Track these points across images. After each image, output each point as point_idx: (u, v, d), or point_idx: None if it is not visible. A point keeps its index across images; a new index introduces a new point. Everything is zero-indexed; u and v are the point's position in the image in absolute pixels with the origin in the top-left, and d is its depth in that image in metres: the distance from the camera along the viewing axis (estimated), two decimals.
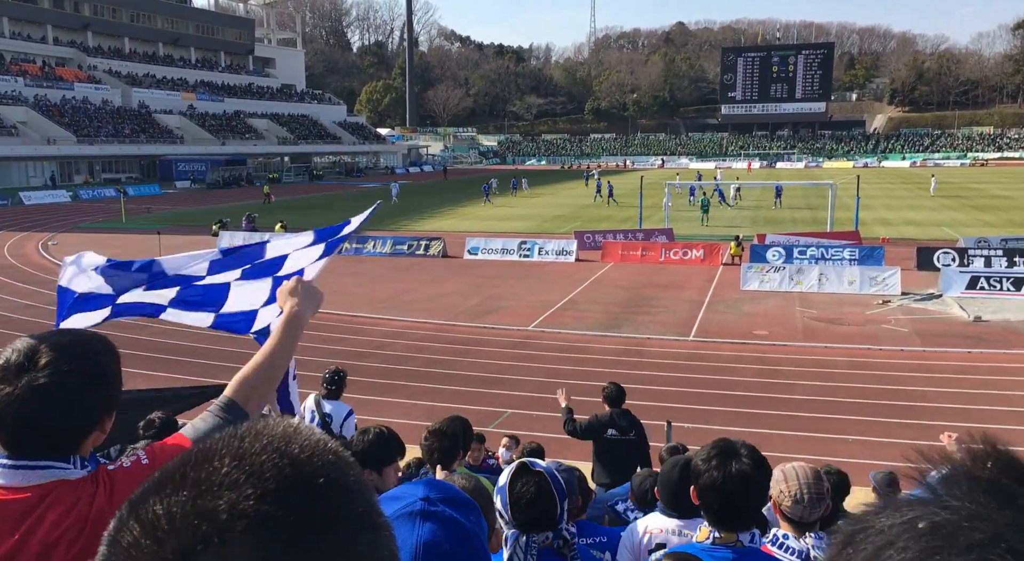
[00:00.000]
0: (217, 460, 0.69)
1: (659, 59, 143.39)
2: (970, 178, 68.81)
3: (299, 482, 0.68)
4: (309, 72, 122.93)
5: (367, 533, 0.70)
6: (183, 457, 0.71)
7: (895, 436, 11.03)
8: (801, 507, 2.85)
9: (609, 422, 7.21)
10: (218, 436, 0.73)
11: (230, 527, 0.63)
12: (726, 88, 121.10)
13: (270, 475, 0.67)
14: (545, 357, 15.45)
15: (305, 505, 0.66)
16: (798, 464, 3.01)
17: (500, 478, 2.54)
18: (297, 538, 0.64)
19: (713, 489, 2.52)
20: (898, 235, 30.84)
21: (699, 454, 2.64)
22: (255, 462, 0.68)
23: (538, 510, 2.42)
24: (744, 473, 2.50)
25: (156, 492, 0.68)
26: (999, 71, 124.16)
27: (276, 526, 0.64)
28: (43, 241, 34.06)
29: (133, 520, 0.67)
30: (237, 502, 0.65)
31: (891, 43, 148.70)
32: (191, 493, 0.66)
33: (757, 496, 2.58)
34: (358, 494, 0.72)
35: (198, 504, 0.65)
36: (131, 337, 17.26)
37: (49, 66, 79.09)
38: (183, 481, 0.68)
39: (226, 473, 0.67)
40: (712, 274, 24.33)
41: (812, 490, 2.88)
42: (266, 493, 0.66)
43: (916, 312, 19.08)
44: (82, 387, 1.69)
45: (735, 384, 13.45)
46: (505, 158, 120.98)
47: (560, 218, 40.95)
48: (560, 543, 2.46)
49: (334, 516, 0.68)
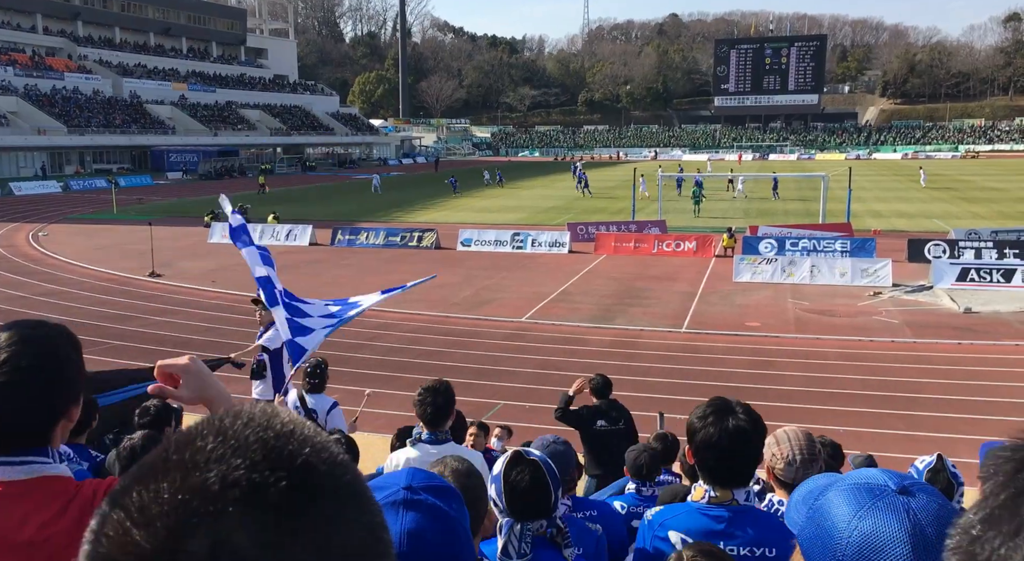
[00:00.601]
0: (200, 440, 0.68)
1: (652, 51, 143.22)
2: (961, 170, 69.04)
3: (285, 453, 0.67)
4: (301, 63, 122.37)
5: (357, 501, 0.70)
6: (162, 446, 0.70)
7: (885, 427, 11.10)
8: (794, 468, 2.86)
9: (598, 413, 7.21)
10: (195, 423, 0.71)
11: (222, 497, 0.63)
12: (719, 80, 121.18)
13: (256, 447, 0.67)
14: (538, 349, 15.47)
15: (294, 474, 0.66)
16: (789, 428, 3.03)
17: (495, 466, 2.54)
18: (290, 506, 0.64)
19: (710, 446, 2.50)
20: (889, 227, 30.96)
21: (694, 413, 2.62)
22: (239, 437, 0.67)
23: (532, 499, 2.42)
24: (741, 428, 2.49)
25: (138, 482, 0.67)
26: (990, 63, 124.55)
27: (268, 494, 0.64)
28: (33, 232, 33.88)
29: (116, 510, 0.65)
30: (227, 474, 0.64)
31: (883, 35, 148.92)
32: (178, 473, 0.65)
33: (753, 452, 2.58)
34: (344, 464, 0.72)
35: (187, 481, 0.64)
36: (128, 328, 17.20)
37: (39, 56, 78.50)
38: (166, 465, 0.67)
39: (211, 449, 0.66)
40: (705, 266, 24.38)
41: (805, 451, 2.89)
42: (254, 463, 0.65)
43: (907, 304, 19.17)
44: (42, 382, 1.68)
45: (727, 375, 13.51)
46: (498, 150, 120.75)
47: (553, 210, 40.94)
48: (553, 531, 2.47)
49: (324, 485, 0.67)
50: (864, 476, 1.26)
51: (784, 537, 2.51)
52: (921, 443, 10.42)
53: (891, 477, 1.24)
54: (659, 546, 2.52)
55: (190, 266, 24.04)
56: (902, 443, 10.42)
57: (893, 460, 8.88)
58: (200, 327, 17.09)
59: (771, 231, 27.06)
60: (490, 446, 7.97)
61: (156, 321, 17.60)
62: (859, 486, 1.24)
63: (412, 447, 4.18)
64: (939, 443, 10.48)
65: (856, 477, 1.27)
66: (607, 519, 3.63)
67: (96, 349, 15.20)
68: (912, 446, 10.27)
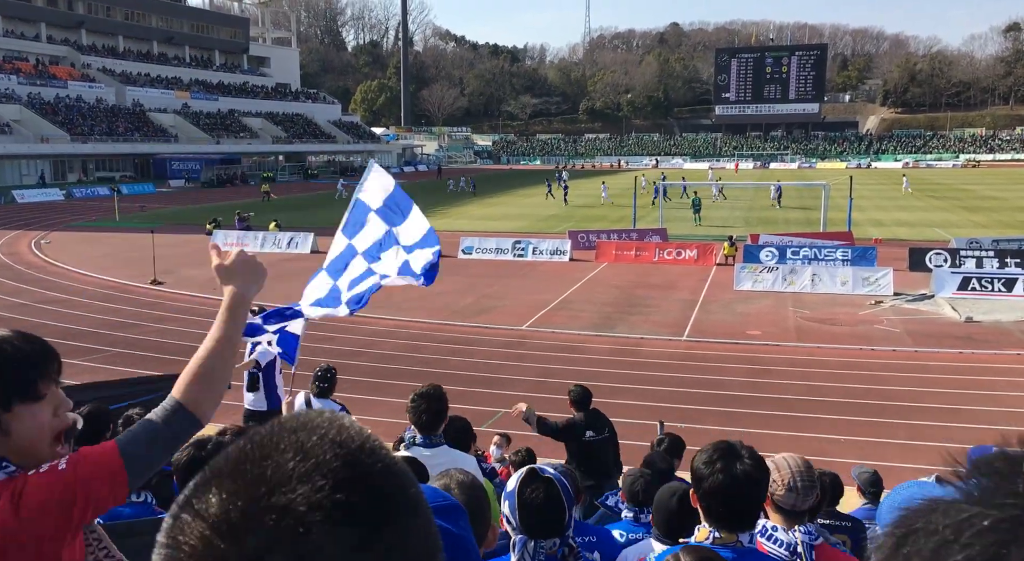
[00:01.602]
0: (278, 455, 0.70)
1: (653, 60, 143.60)
2: (962, 179, 69.08)
3: (362, 470, 0.70)
4: (304, 71, 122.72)
5: (423, 513, 0.73)
6: (238, 453, 0.71)
7: (886, 436, 11.09)
8: (794, 495, 2.87)
9: (586, 424, 7.25)
10: (265, 431, 0.73)
11: (310, 519, 0.65)
12: (720, 89, 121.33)
13: (336, 466, 0.69)
14: (539, 357, 15.47)
15: (372, 491, 0.69)
16: (787, 455, 3.04)
17: (509, 483, 2.53)
18: (372, 523, 0.67)
19: (717, 492, 2.50)
20: (890, 236, 30.96)
21: (698, 458, 2.62)
22: (318, 454, 0.69)
23: (547, 517, 2.42)
24: (748, 474, 2.50)
25: (215, 488, 0.68)
26: (991, 73, 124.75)
27: (352, 514, 0.66)
28: (36, 239, 33.95)
29: (198, 520, 0.67)
30: (311, 494, 0.66)
31: (884, 45, 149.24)
32: (262, 489, 0.67)
33: (759, 497, 2.59)
34: (408, 476, 0.75)
35: (273, 499, 0.66)
36: (130, 336, 17.22)
37: (43, 64, 78.81)
38: (247, 479, 0.68)
39: (293, 467, 0.68)
40: (705, 274, 24.39)
41: (804, 478, 2.91)
42: (337, 483, 0.67)
43: (908, 313, 19.16)
44: None
45: (728, 384, 13.50)
46: (499, 158, 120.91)
47: (554, 218, 40.98)
48: (565, 550, 2.46)
49: (396, 499, 0.70)
50: None
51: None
52: (922, 452, 10.41)
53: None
54: None
55: (192, 274, 24.07)
56: (903, 452, 10.41)
57: (893, 470, 8.86)
58: (202, 335, 16.92)
59: (772, 240, 27.08)
60: (488, 454, 7.98)
61: (158, 329, 17.61)
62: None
63: (406, 451, 4.18)
64: (939, 452, 10.45)
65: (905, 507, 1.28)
66: (605, 545, 3.63)
67: (98, 357, 15.22)
68: (914, 455, 10.26)
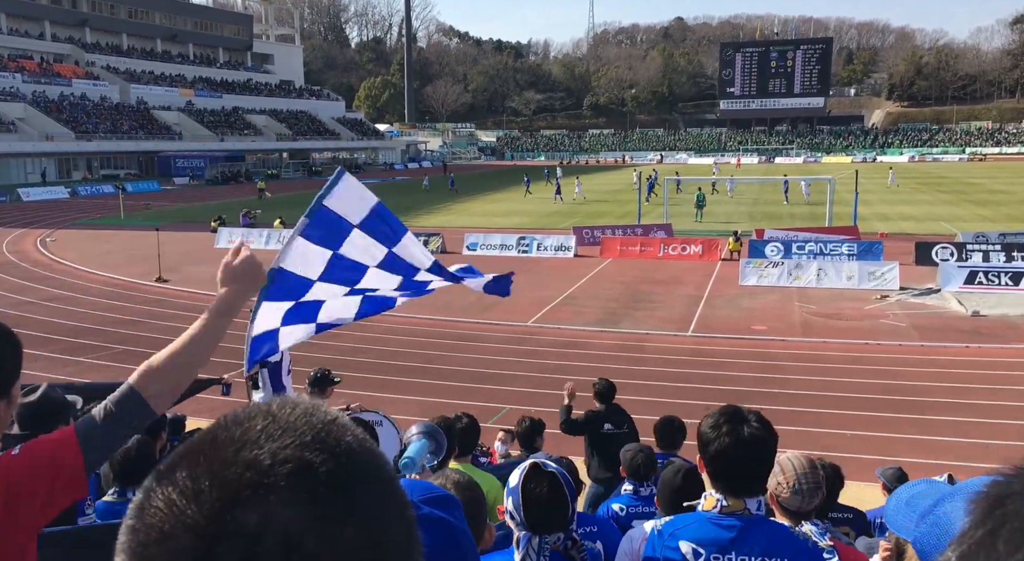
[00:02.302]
0: (248, 421, 0.70)
1: (658, 55, 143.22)
2: (968, 173, 68.80)
3: (332, 438, 0.70)
4: (307, 68, 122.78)
5: (396, 494, 0.72)
6: (209, 429, 0.72)
7: (893, 431, 11.04)
8: (800, 498, 2.85)
9: (604, 417, 7.26)
10: (241, 408, 0.74)
11: (273, 472, 0.65)
12: (724, 83, 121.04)
13: (305, 429, 0.69)
14: (544, 353, 15.45)
15: (341, 456, 0.68)
16: (792, 454, 3.01)
17: (511, 478, 2.51)
18: (339, 484, 0.66)
19: (724, 455, 2.45)
20: (896, 230, 30.85)
21: (705, 422, 2.56)
22: (288, 420, 0.70)
23: (550, 511, 2.40)
24: (755, 436, 2.46)
25: (187, 457, 0.68)
26: (997, 66, 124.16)
27: (317, 472, 0.66)
28: (41, 237, 34.04)
29: (164, 484, 0.66)
30: (277, 451, 0.66)
31: (889, 38, 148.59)
32: (229, 449, 0.67)
33: (768, 459, 2.54)
34: (382, 456, 0.74)
35: (238, 456, 0.66)
36: (135, 334, 17.24)
37: (47, 62, 78.97)
38: (215, 443, 0.68)
39: (261, 428, 0.69)
40: (711, 269, 24.33)
41: (809, 479, 2.88)
42: (303, 443, 0.67)
43: (914, 307, 19.08)
44: None
45: (733, 379, 13.47)
46: (504, 154, 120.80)
47: (558, 214, 40.93)
48: (569, 544, 2.45)
49: (367, 471, 0.70)
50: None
51: (796, 547, 2.48)
52: (929, 447, 10.37)
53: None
54: (669, 556, 2.47)
55: (197, 271, 24.09)
56: (912, 447, 10.36)
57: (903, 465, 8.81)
58: None
59: (777, 234, 26.99)
60: (493, 450, 7.96)
61: (163, 326, 17.63)
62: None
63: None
64: (949, 447, 10.43)
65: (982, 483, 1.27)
66: (606, 534, 3.63)
67: (103, 354, 15.24)
68: (922, 450, 10.22)
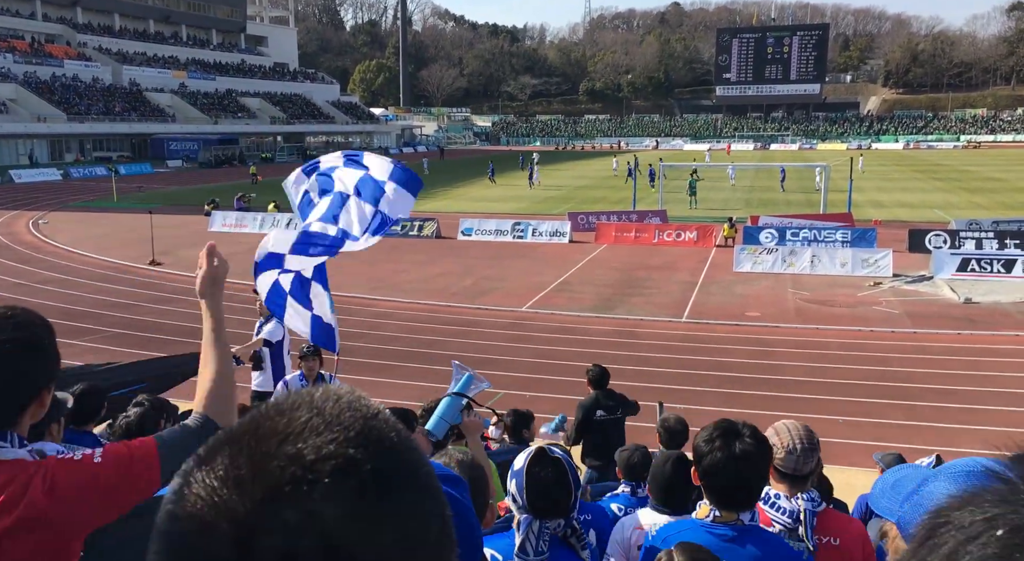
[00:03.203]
0: (292, 412, 0.69)
1: (654, 40, 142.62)
2: (963, 160, 68.88)
3: (375, 434, 0.68)
4: (302, 51, 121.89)
5: (435, 492, 0.72)
6: (255, 413, 0.70)
7: (885, 417, 11.12)
8: (795, 458, 2.87)
9: (596, 404, 7.25)
10: (283, 397, 0.73)
11: (319, 468, 0.63)
12: (721, 69, 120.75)
13: (349, 424, 0.68)
14: (538, 338, 15.48)
15: (385, 454, 0.67)
16: (788, 420, 3.04)
17: (516, 461, 2.53)
18: (382, 483, 0.65)
19: (717, 470, 2.51)
20: (891, 217, 30.90)
21: (700, 436, 2.63)
22: (332, 413, 0.69)
23: (554, 497, 2.42)
24: (747, 452, 2.50)
25: (226, 444, 0.67)
26: (993, 53, 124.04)
27: (361, 468, 0.65)
28: (33, 219, 33.86)
29: (205, 470, 0.66)
30: (322, 446, 0.65)
31: (886, 24, 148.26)
32: (273, 440, 0.66)
33: (760, 475, 2.58)
34: (422, 454, 0.73)
35: (282, 449, 0.65)
36: (129, 317, 17.22)
37: (38, 43, 78.19)
38: (258, 433, 0.67)
39: (305, 421, 0.67)
40: (705, 256, 24.36)
41: (804, 441, 2.90)
42: (348, 439, 0.66)
43: (907, 294, 19.16)
44: (20, 359, 1.68)
45: (727, 365, 13.52)
46: (499, 139, 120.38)
47: (553, 199, 40.89)
48: (569, 531, 2.47)
49: (408, 470, 0.69)
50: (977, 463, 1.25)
51: (789, 557, 2.51)
52: (921, 433, 10.45)
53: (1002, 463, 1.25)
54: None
55: (190, 254, 24.00)
56: (902, 433, 10.44)
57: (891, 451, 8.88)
58: (200, 316, 17.06)
59: (772, 221, 27.01)
60: (487, 433, 7.98)
61: (157, 309, 17.60)
62: (973, 473, 1.23)
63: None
64: (939, 433, 10.51)
65: (967, 464, 1.26)
66: (601, 523, 3.65)
67: (96, 337, 15.22)
68: (912, 436, 10.29)
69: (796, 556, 2.53)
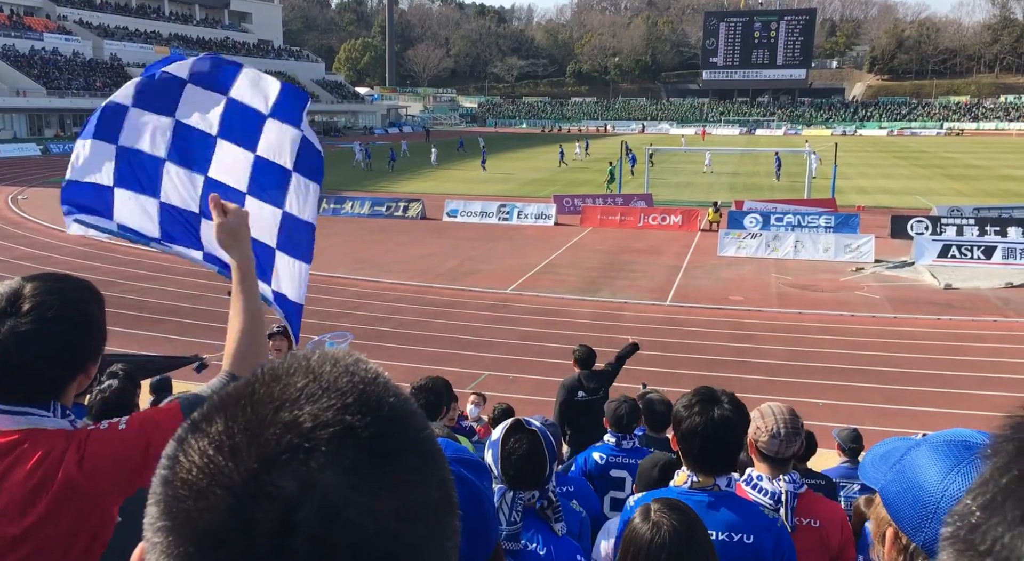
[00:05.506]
0: (288, 377, 0.67)
1: (641, 22, 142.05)
2: (945, 148, 69.32)
3: (374, 399, 0.67)
4: (286, 28, 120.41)
5: (436, 456, 0.70)
6: (247, 381, 0.69)
7: (865, 400, 11.26)
8: (778, 441, 2.90)
9: (578, 385, 7.25)
10: (279, 361, 0.71)
11: (314, 435, 0.62)
12: (708, 53, 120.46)
13: (347, 390, 0.66)
14: (522, 320, 15.51)
15: (383, 421, 0.66)
16: (773, 403, 3.07)
17: (493, 432, 2.56)
18: (380, 449, 0.64)
19: (695, 435, 2.56)
20: (873, 203, 31.11)
21: (680, 401, 2.68)
22: (329, 379, 0.67)
23: (528, 468, 2.45)
24: (725, 418, 2.56)
25: (222, 410, 0.66)
26: (977, 40, 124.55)
27: (360, 436, 0.63)
28: (12, 195, 33.42)
29: (199, 437, 0.64)
30: (319, 412, 0.64)
31: (872, 10, 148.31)
32: (269, 407, 0.64)
33: (736, 441, 2.63)
34: (423, 417, 0.72)
35: (278, 415, 0.63)
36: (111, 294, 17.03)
37: (17, 15, 76.75)
38: (254, 398, 0.66)
39: (302, 387, 0.66)
40: (690, 240, 24.45)
41: (788, 425, 2.93)
42: (346, 405, 0.65)
43: (888, 279, 19.33)
44: (65, 334, 1.67)
45: (710, 348, 13.61)
46: (485, 120, 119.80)
47: (539, 182, 40.81)
48: (544, 503, 2.49)
49: (408, 435, 0.67)
50: (958, 434, 1.27)
51: (763, 525, 2.56)
52: (898, 416, 10.59)
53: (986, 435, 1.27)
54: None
55: None
56: (879, 416, 10.58)
57: (869, 433, 9.00)
58: (183, 294, 16.98)
59: (756, 206, 27.14)
60: (465, 413, 8.02)
61: (139, 287, 17.47)
62: (952, 443, 1.24)
63: None
64: (915, 416, 10.65)
65: (948, 435, 1.28)
66: (582, 495, 3.69)
67: None
68: (889, 419, 10.43)
69: (770, 523, 2.58)
